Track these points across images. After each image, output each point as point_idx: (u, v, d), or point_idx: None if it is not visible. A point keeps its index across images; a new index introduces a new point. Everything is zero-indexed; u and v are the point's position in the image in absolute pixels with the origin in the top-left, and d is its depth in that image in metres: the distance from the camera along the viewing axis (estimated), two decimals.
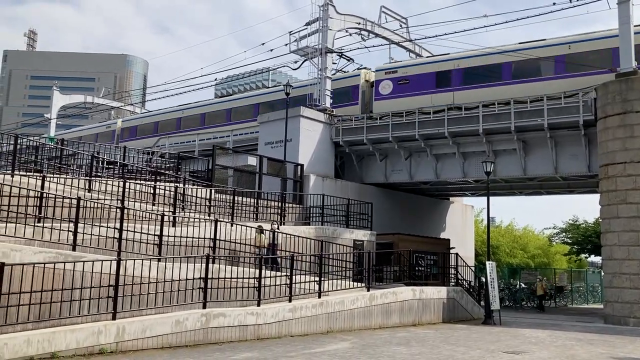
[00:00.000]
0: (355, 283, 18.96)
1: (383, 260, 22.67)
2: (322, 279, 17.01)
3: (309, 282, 16.86)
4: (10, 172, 15.40)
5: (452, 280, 23.97)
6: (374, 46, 32.91)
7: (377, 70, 30.75)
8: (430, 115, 26.71)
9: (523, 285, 35.51)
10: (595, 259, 50.69)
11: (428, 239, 28.71)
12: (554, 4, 24.00)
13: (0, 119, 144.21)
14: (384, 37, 33.25)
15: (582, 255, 46.40)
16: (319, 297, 16.59)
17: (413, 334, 16.56)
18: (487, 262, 22.42)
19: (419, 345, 14.22)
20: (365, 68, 32.29)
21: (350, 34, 32.32)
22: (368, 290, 18.36)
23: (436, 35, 27.44)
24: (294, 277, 16.05)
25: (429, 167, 28.32)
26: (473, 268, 30.03)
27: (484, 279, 23.35)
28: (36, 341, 10.40)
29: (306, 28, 31.03)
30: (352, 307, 17.23)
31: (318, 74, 30.03)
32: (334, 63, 30.84)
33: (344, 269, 19.18)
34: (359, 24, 32.07)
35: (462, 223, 37.37)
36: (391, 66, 30.59)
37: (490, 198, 23.78)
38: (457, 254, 24.83)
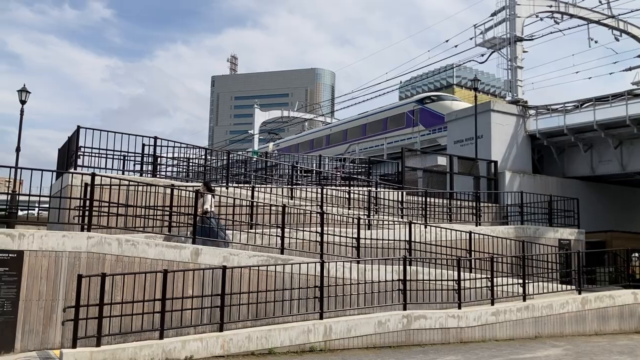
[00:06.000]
0: (562, 285, 17.57)
1: (594, 261, 20.73)
2: (526, 281, 16.10)
3: (511, 284, 16.06)
4: (224, 184, 17.20)
5: None
6: (569, 28, 30.21)
7: None
8: None
9: None
10: None
11: None
12: None
13: (213, 137, 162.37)
14: (580, 17, 30.37)
15: None
16: (524, 300, 15.70)
17: (638, 342, 14.77)
18: None
19: None
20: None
21: (541, 19, 30.08)
22: (579, 293, 16.87)
23: None
24: (494, 279, 15.44)
25: None
26: None
27: None
28: (255, 338, 11.44)
29: (492, 19, 29.69)
30: (561, 312, 15.97)
31: (508, 64, 28.55)
32: (524, 51, 29.02)
33: (549, 270, 17.91)
34: (551, 6, 29.75)
35: None
36: None
37: None
38: None
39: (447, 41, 57.49)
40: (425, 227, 17.37)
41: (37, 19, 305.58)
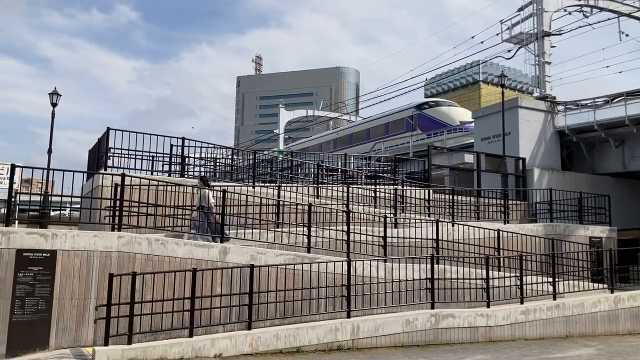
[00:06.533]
0: (594, 284, 17.26)
1: (626, 259, 20.27)
2: (556, 279, 15.86)
3: (541, 283, 15.84)
4: (251, 184, 17.30)
5: None
6: (598, 22, 29.57)
7: None
8: None
9: None
10: None
11: None
12: None
13: (238, 137, 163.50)
14: (610, 10, 29.71)
15: None
16: (554, 299, 15.48)
17: None
18: None
19: None
20: None
21: (570, 13, 29.49)
22: (612, 292, 16.55)
23: None
24: (523, 277, 15.24)
25: None
26: None
27: None
28: (283, 336, 11.50)
29: (518, 14, 29.22)
30: (593, 310, 15.69)
31: (535, 60, 28.10)
32: (552, 46, 28.52)
33: (579, 268, 17.60)
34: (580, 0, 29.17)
35: None
36: None
37: None
38: None
39: (472, 37, 57.04)
40: (453, 226, 17.22)
41: (66, 23, 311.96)
